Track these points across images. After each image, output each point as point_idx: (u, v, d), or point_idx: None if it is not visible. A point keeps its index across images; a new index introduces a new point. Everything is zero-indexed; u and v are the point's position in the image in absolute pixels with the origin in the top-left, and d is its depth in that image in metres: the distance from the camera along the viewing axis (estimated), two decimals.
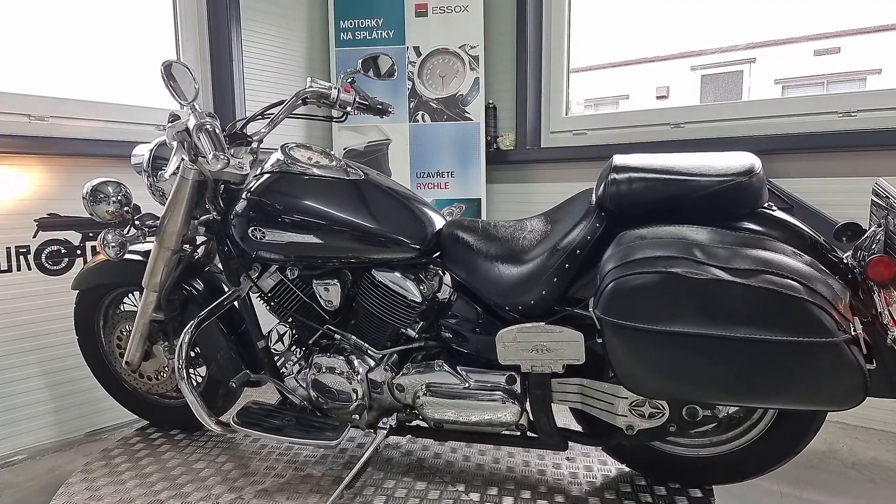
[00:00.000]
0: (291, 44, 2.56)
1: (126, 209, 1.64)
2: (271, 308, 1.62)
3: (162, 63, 1.41)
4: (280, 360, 1.66)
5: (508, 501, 1.46)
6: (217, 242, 1.64)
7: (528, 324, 1.36)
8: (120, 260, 1.64)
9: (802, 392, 1.06)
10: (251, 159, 1.60)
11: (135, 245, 1.72)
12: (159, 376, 1.86)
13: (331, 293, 1.53)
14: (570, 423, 1.52)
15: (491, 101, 2.63)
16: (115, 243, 1.53)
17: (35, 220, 1.87)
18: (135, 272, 1.69)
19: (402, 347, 1.54)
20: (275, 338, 1.64)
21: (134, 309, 1.82)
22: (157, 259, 1.61)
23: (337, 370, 1.51)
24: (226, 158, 1.42)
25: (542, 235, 1.41)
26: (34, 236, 1.87)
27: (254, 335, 1.65)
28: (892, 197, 1.07)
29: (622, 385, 1.23)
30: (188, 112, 1.46)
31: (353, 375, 1.50)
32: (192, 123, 1.44)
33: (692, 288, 1.06)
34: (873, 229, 1.12)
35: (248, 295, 1.64)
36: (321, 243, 1.45)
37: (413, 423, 1.56)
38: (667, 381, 1.14)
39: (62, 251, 1.93)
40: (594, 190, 1.33)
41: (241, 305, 1.65)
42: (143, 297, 1.67)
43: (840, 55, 13.04)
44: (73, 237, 1.96)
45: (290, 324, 1.63)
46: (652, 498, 1.46)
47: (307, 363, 1.58)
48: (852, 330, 1.03)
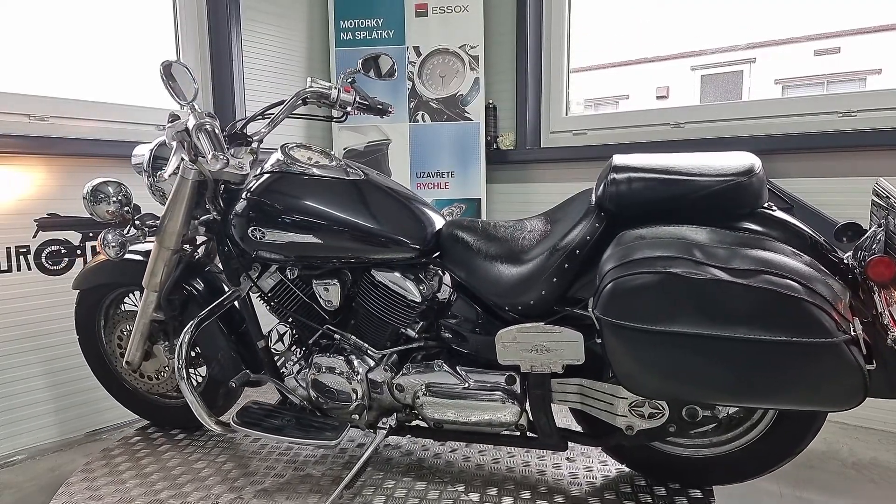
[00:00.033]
0: (291, 44, 2.56)
1: (126, 209, 1.64)
2: (271, 308, 1.62)
3: (161, 63, 1.41)
4: (280, 360, 1.66)
5: (508, 501, 1.46)
6: (217, 242, 1.64)
7: (528, 324, 1.36)
8: (120, 260, 1.65)
9: (802, 392, 1.06)
10: (251, 159, 1.60)
11: (135, 245, 1.72)
12: (160, 376, 1.86)
13: (330, 293, 1.53)
14: (571, 424, 1.52)
15: (491, 101, 2.63)
16: (116, 243, 1.53)
17: (35, 220, 1.87)
18: (135, 272, 1.69)
19: (402, 347, 1.54)
20: (275, 338, 1.64)
21: (134, 309, 1.83)
22: (158, 259, 1.61)
23: (337, 370, 1.51)
24: (225, 158, 1.42)
25: (542, 235, 1.41)
26: (34, 236, 1.87)
27: (254, 335, 1.65)
28: (893, 197, 1.07)
29: (621, 385, 1.23)
30: (188, 112, 1.46)
31: (353, 375, 1.50)
32: (192, 123, 1.44)
33: (691, 288, 1.06)
34: (874, 229, 1.12)
35: (249, 295, 1.65)
36: (321, 243, 1.46)
37: (413, 424, 1.56)
38: (666, 382, 1.14)
39: (62, 251, 1.93)
40: (594, 190, 1.33)
41: (242, 305, 1.65)
42: (144, 297, 1.67)
43: (840, 55, 13.04)
44: (73, 237, 1.96)
45: (290, 324, 1.63)
46: (652, 498, 1.46)
47: (307, 363, 1.58)
48: (852, 330, 1.03)
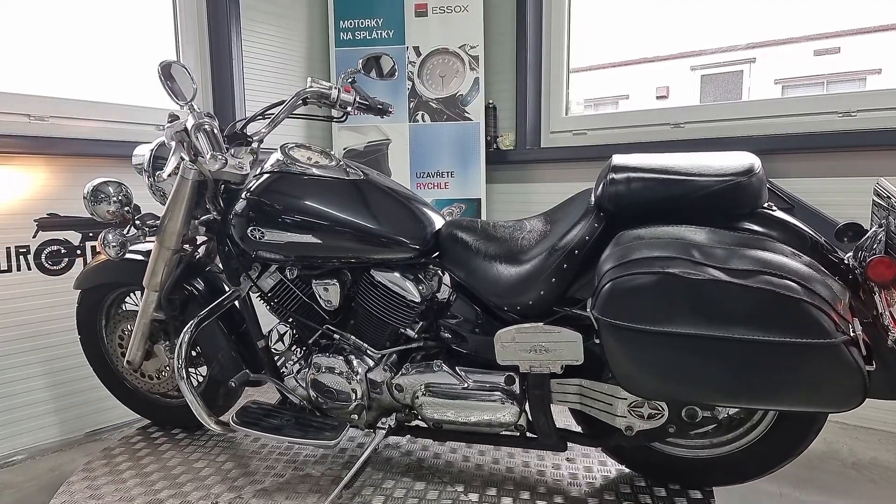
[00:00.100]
0: (291, 44, 2.56)
1: (126, 209, 1.65)
2: (271, 308, 1.62)
3: (159, 63, 1.41)
4: (280, 360, 1.67)
5: (507, 502, 1.46)
6: (217, 242, 1.64)
7: (527, 324, 1.36)
8: (121, 260, 1.65)
9: (801, 393, 1.06)
10: (251, 159, 1.60)
11: (136, 245, 1.73)
12: (160, 375, 1.86)
13: (330, 293, 1.53)
14: (571, 424, 1.52)
15: (491, 101, 2.63)
16: (116, 243, 1.53)
17: (35, 220, 1.87)
18: (136, 272, 1.70)
19: (402, 347, 1.54)
20: (275, 337, 1.64)
21: (135, 308, 1.83)
22: (158, 259, 1.61)
23: (336, 370, 1.51)
24: (223, 159, 1.42)
25: (541, 235, 1.40)
26: (34, 236, 1.87)
27: (254, 335, 1.65)
28: (893, 197, 1.07)
29: (620, 386, 1.23)
30: (187, 112, 1.46)
31: (353, 375, 1.50)
32: (191, 123, 1.44)
33: (689, 288, 1.06)
34: (874, 229, 1.12)
35: (249, 295, 1.65)
36: (320, 243, 1.46)
37: (412, 424, 1.56)
38: (664, 382, 1.14)
39: (62, 251, 1.93)
40: (593, 190, 1.33)
41: (242, 305, 1.65)
42: (144, 297, 1.67)
43: (840, 55, 13.03)
44: (73, 237, 1.96)
45: (290, 324, 1.63)
46: (651, 499, 1.46)
47: (306, 363, 1.58)
48: (851, 331, 1.02)
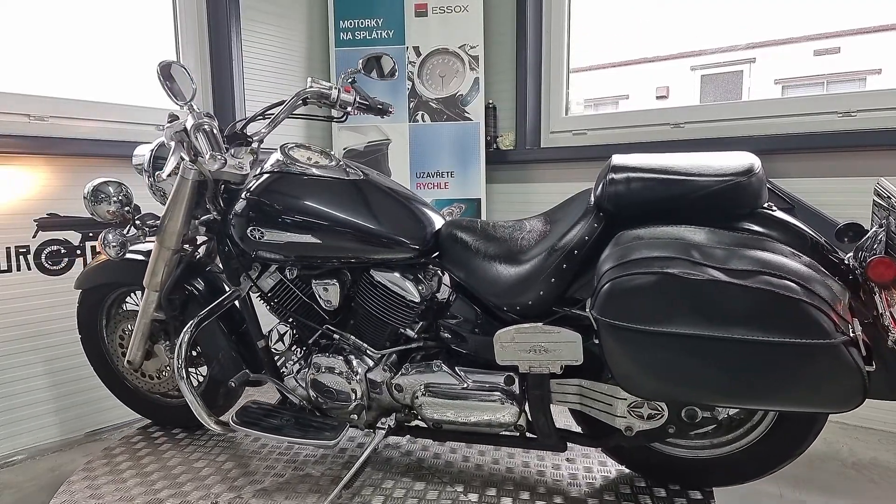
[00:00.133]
0: (291, 44, 2.56)
1: (127, 209, 1.65)
2: (271, 308, 1.62)
3: (158, 64, 1.41)
4: (280, 360, 1.67)
5: (507, 502, 1.46)
6: (217, 242, 1.64)
7: (526, 324, 1.36)
8: (121, 260, 1.65)
9: (800, 394, 1.06)
10: (251, 159, 1.60)
11: (136, 245, 1.73)
12: (161, 375, 1.86)
13: (330, 293, 1.53)
14: (571, 425, 1.52)
15: (491, 101, 2.63)
16: (116, 243, 1.54)
17: (35, 220, 1.87)
18: (137, 272, 1.70)
19: (401, 347, 1.54)
20: (275, 337, 1.64)
21: (136, 308, 1.83)
22: (158, 259, 1.61)
23: (336, 370, 1.51)
24: (223, 159, 1.42)
25: (541, 236, 1.40)
26: (34, 236, 1.87)
27: (254, 335, 1.65)
28: (894, 197, 1.06)
29: (619, 386, 1.22)
30: (186, 112, 1.46)
31: (352, 375, 1.50)
32: (190, 123, 1.44)
33: (688, 289, 1.06)
34: (874, 230, 1.12)
35: (249, 295, 1.65)
36: (320, 243, 1.45)
37: (412, 424, 1.56)
38: (663, 383, 1.14)
39: (62, 251, 1.94)
40: (593, 190, 1.33)
41: (242, 305, 1.65)
42: (145, 297, 1.67)
43: (840, 55, 13.02)
44: (73, 237, 1.96)
45: (290, 323, 1.63)
46: (651, 500, 1.46)
47: (306, 363, 1.58)
48: (851, 331, 1.02)
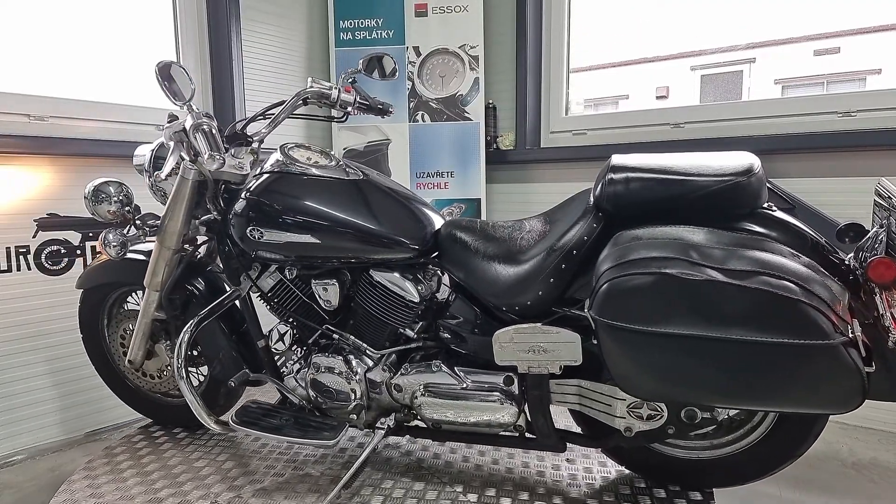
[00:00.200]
0: (291, 44, 2.56)
1: (127, 209, 1.65)
2: (271, 308, 1.62)
3: (157, 64, 1.41)
4: (280, 360, 1.67)
5: (506, 502, 1.46)
6: (218, 242, 1.64)
7: (525, 324, 1.35)
8: (122, 259, 1.65)
9: (798, 395, 1.05)
10: (251, 159, 1.60)
11: (137, 245, 1.73)
12: (162, 375, 1.86)
13: (329, 293, 1.53)
14: (571, 425, 1.52)
15: (491, 101, 2.63)
16: (117, 243, 1.54)
17: (35, 220, 1.87)
18: (138, 271, 1.70)
19: (401, 347, 1.54)
20: (275, 337, 1.64)
21: (137, 308, 1.83)
22: (159, 259, 1.62)
23: (335, 370, 1.51)
24: (222, 158, 1.43)
25: (540, 236, 1.40)
26: (34, 236, 1.87)
27: (254, 335, 1.65)
28: (894, 197, 1.06)
29: (618, 387, 1.22)
30: (185, 112, 1.46)
31: (352, 375, 1.50)
32: (189, 124, 1.44)
33: (687, 289, 1.05)
34: (875, 230, 1.11)
35: (249, 294, 1.65)
36: (319, 243, 1.46)
37: (412, 424, 1.57)
38: (662, 383, 1.13)
39: (62, 251, 1.94)
40: (592, 190, 1.33)
41: (242, 305, 1.65)
42: (145, 297, 1.67)
43: (840, 55, 13.02)
44: (73, 237, 1.96)
45: (290, 323, 1.63)
46: (651, 500, 1.46)
47: (306, 363, 1.58)
48: (850, 332, 1.02)
